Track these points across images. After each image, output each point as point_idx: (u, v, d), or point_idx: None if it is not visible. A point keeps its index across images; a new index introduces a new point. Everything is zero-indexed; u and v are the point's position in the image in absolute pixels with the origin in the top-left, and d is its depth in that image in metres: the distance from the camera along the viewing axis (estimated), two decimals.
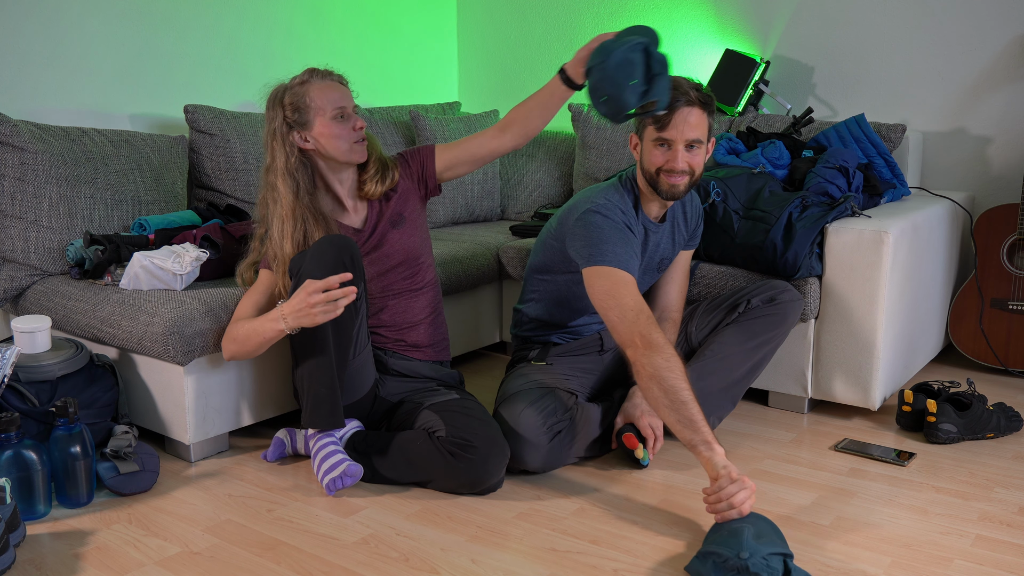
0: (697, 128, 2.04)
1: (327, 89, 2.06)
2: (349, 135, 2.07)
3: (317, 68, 2.11)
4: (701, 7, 3.47)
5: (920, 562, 1.70)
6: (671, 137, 2.03)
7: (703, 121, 2.05)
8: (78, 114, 2.81)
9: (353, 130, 2.08)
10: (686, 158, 2.05)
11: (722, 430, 2.37)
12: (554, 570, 1.67)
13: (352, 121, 2.08)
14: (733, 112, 3.26)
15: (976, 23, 2.96)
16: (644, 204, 2.18)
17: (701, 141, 2.06)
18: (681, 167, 2.04)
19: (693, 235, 2.38)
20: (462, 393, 2.15)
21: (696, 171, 2.08)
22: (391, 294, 2.20)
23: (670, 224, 2.28)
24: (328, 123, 2.05)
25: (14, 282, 2.41)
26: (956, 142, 3.06)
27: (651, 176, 2.09)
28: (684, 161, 2.05)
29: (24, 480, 1.86)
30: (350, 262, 1.96)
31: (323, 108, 2.04)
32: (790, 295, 2.27)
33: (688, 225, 2.35)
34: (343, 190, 2.16)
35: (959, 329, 2.88)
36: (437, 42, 4.03)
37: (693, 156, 2.06)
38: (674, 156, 2.04)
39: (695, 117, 2.03)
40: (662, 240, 2.27)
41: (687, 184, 2.09)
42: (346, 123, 2.07)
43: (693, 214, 2.36)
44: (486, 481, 1.95)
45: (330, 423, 1.97)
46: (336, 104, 2.05)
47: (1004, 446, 2.27)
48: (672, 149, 2.04)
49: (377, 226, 2.18)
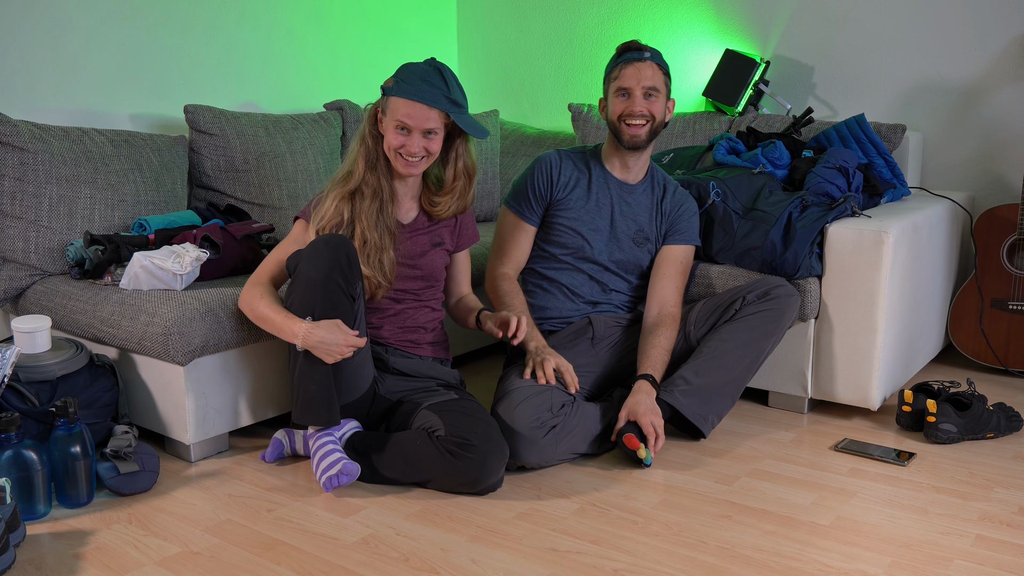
0: (653, 78, 2.26)
1: (406, 104, 2.03)
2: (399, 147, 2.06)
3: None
4: (701, 7, 3.47)
5: (920, 562, 1.70)
6: (629, 85, 2.26)
7: (658, 74, 2.28)
8: (78, 114, 2.81)
9: (405, 147, 2.05)
10: (644, 104, 2.26)
11: (722, 430, 2.37)
12: (554, 570, 1.67)
13: (409, 139, 2.04)
14: (733, 112, 3.26)
15: (976, 23, 2.96)
16: (607, 160, 2.40)
17: (658, 90, 2.27)
18: (639, 110, 2.25)
19: (675, 224, 2.40)
20: (461, 393, 2.15)
21: (656, 117, 2.29)
22: (404, 299, 2.20)
23: (649, 195, 2.39)
24: (390, 127, 2.06)
25: (14, 282, 2.41)
26: (956, 142, 3.06)
27: (614, 126, 2.31)
28: (642, 106, 2.25)
29: (24, 480, 1.86)
30: (346, 262, 1.96)
31: (393, 112, 2.05)
32: (785, 290, 2.28)
33: (673, 212, 2.40)
34: (400, 185, 2.18)
35: (959, 329, 2.88)
36: (437, 42, 4.03)
37: (652, 104, 2.27)
38: (632, 101, 2.26)
39: (650, 69, 2.26)
40: (638, 207, 2.38)
41: (647, 132, 2.29)
42: (404, 136, 2.05)
43: (678, 200, 2.42)
44: (485, 480, 1.95)
45: (325, 420, 1.97)
46: (401, 118, 2.03)
47: (1004, 446, 2.27)
48: (631, 96, 2.26)
49: (419, 232, 2.20)
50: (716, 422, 2.26)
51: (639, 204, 2.39)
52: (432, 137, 2.06)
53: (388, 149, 2.09)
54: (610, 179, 2.38)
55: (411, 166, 2.08)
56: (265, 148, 2.90)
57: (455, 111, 2.06)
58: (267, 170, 2.89)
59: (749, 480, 2.07)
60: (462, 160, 2.18)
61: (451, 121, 2.08)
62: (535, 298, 2.41)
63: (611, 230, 2.37)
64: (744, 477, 2.08)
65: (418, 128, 2.03)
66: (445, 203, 2.19)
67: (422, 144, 2.05)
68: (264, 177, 2.88)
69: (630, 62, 2.26)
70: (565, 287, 2.39)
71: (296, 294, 1.98)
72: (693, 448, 2.25)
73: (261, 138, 2.90)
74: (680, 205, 2.42)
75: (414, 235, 2.20)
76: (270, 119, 2.99)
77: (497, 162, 3.48)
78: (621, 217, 2.38)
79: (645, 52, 2.27)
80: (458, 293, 2.35)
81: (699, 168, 2.84)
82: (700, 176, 2.66)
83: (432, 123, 2.04)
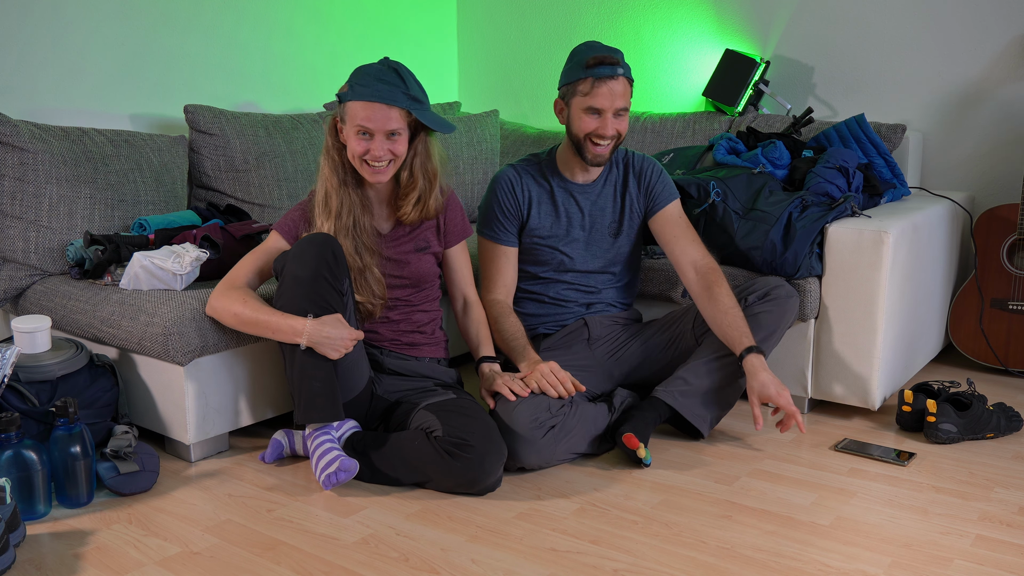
0: (624, 97, 2.20)
1: (364, 107, 1.97)
2: (363, 154, 2.01)
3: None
4: (701, 7, 3.47)
5: (920, 562, 1.70)
6: (602, 106, 2.18)
7: (628, 90, 2.22)
8: (78, 114, 2.81)
9: (370, 152, 2.00)
10: (615, 124, 2.21)
11: (721, 430, 2.37)
12: (554, 570, 1.67)
13: (372, 143, 1.99)
14: (733, 112, 3.26)
15: (976, 23, 2.96)
16: (564, 167, 2.35)
17: (627, 108, 2.23)
18: (611, 133, 2.21)
19: (652, 191, 2.36)
20: (459, 393, 2.15)
21: (622, 134, 2.25)
22: (396, 306, 2.20)
23: (610, 187, 2.36)
24: (351, 134, 2.02)
25: (14, 282, 2.41)
26: (956, 142, 3.06)
27: (579, 142, 2.24)
28: (614, 127, 2.20)
29: (24, 480, 1.86)
30: (332, 260, 1.95)
31: (352, 118, 2.00)
32: (785, 291, 2.28)
33: (642, 183, 2.36)
34: (373, 193, 2.15)
35: (959, 329, 2.88)
36: (437, 42, 4.03)
37: (620, 122, 2.23)
38: (604, 123, 2.20)
39: (621, 86, 2.19)
40: (604, 201, 2.35)
41: (611, 149, 2.25)
42: (367, 142, 2.00)
43: (645, 172, 2.36)
44: (483, 481, 1.95)
45: (330, 415, 1.96)
46: (361, 122, 1.98)
47: (1004, 446, 2.27)
48: (603, 117, 2.20)
49: (401, 240, 2.18)
50: (715, 422, 2.26)
51: (603, 197, 2.36)
52: (396, 139, 2.00)
53: (352, 158, 2.03)
54: (571, 186, 2.35)
55: (378, 173, 2.02)
56: (265, 148, 2.90)
57: (416, 107, 2.00)
58: (267, 170, 2.89)
59: (749, 480, 2.07)
60: (419, 159, 2.09)
61: (414, 120, 2.02)
62: (525, 307, 2.40)
63: (587, 235, 2.36)
64: (744, 477, 2.09)
65: (380, 130, 1.97)
66: (405, 208, 2.12)
67: (386, 147, 1.99)
68: (264, 177, 2.88)
69: (604, 80, 2.16)
70: (552, 298, 2.39)
71: (285, 294, 1.97)
72: (693, 448, 2.25)
73: (261, 138, 2.90)
74: (646, 173, 2.36)
75: (396, 243, 2.17)
76: (270, 119, 2.99)
77: (497, 162, 3.49)
78: (593, 219, 2.36)
79: (619, 68, 2.17)
80: (462, 295, 2.29)
81: (699, 168, 2.84)
82: (700, 176, 2.66)
83: (394, 123, 1.98)
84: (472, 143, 3.40)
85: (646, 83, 3.64)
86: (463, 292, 2.30)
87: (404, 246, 2.18)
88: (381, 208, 2.17)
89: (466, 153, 3.38)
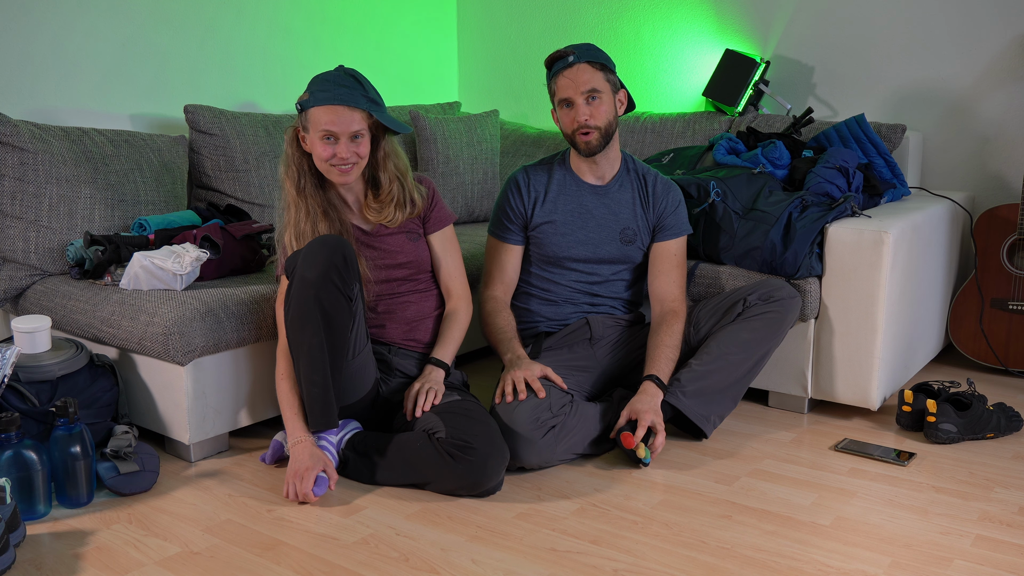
0: (591, 80, 2.19)
1: (327, 111, 2.01)
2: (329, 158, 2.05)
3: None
4: (701, 7, 3.47)
5: (920, 562, 1.70)
6: (568, 95, 2.22)
7: (595, 74, 2.20)
8: (78, 114, 2.81)
9: (336, 155, 2.04)
10: (587, 110, 2.20)
11: (723, 430, 2.37)
12: (554, 570, 1.67)
13: (337, 147, 2.03)
14: (733, 112, 3.26)
15: (976, 23, 2.96)
16: (575, 167, 2.38)
17: (599, 90, 2.21)
18: (583, 119, 2.20)
19: (663, 219, 2.37)
20: (464, 395, 2.15)
21: (602, 120, 2.23)
22: (397, 293, 2.20)
23: (629, 189, 2.36)
24: (315, 140, 2.05)
25: (14, 282, 2.41)
26: (956, 142, 3.06)
27: (569, 138, 2.28)
28: (586, 112, 2.20)
29: (24, 480, 1.85)
30: (343, 263, 1.95)
31: (316, 124, 2.03)
32: (787, 292, 2.28)
33: (654, 198, 2.37)
34: (349, 196, 2.17)
35: (959, 329, 2.88)
36: (437, 42, 4.03)
37: (595, 107, 2.21)
38: (577, 110, 2.21)
39: (581, 72, 2.19)
40: (618, 205, 2.36)
41: (598, 137, 2.24)
42: (332, 145, 2.04)
43: (662, 191, 2.37)
44: (485, 483, 1.95)
45: (323, 423, 1.96)
46: (325, 127, 2.01)
47: (1004, 446, 2.27)
48: (574, 106, 2.21)
49: (390, 232, 2.19)
50: (718, 422, 2.27)
51: (618, 202, 2.36)
52: (360, 141, 2.05)
53: (319, 163, 2.07)
54: (583, 185, 2.36)
55: (345, 173, 2.07)
56: (265, 148, 2.90)
57: (375, 109, 2.05)
58: (267, 170, 2.89)
59: (749, 480, 2.07)
60: (391, 161, 2.16)
61: (374, 122, 2.07)
62: (530, 304, 2.41)
63: (596, 235, 2.35)
64: (744, 477, 2.09)
65: (344, 133, 2.02)
66: (387, 212, 2.16)
67: (351, 149, 2.04)
68: (264, 177, 2.88)
69: (560, 73, 2.21)
70: (558, 294, 2.39)
71: (293, 296, 1.97)
72: (693, 448, 2.25)
73: (261, 138, 2.90)
74: (665, 197, 2.37)
75: (387, 236, 2.19)
76: (270, 119, 2.99)
77: (497, 162, 3.48)
78: (603, 220, 2.35)
79: (569, 56, 2.20)
80: (446, 287, 2.28)
81: (699, 168, 2.84)
82: (700, 176, 2.66)
83: (356, 125, 2.03)
84: (472, 143, 3.40)
85: (646, 83, 3.65)
86: (447, 284, 2.29)
87: (396, 236, 2.19)
88: (356, 207, 2.19)
89: (466, 153, 3.38)
